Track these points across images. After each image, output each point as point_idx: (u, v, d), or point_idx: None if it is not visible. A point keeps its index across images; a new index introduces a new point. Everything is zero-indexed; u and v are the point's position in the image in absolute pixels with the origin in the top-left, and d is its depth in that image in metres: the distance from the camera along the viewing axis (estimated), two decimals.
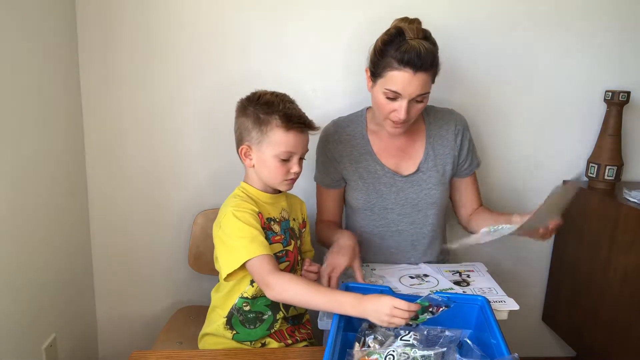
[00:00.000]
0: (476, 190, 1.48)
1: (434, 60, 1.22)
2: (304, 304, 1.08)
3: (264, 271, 1.06)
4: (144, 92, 1.54)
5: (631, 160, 1.71)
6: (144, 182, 1.61)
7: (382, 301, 0.94)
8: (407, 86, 1.20)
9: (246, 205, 1.14)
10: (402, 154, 1.39)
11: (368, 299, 0.96)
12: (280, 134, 1.12)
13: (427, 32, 1.24)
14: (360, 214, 1.41)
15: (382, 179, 1.38)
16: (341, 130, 1.40)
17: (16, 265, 1.24)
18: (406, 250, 1.42)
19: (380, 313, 0.93)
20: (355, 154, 1.39)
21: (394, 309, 0.92)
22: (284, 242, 1.19)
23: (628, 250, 1.42)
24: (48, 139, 1.37)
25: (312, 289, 1.03)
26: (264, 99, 1.14)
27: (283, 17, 1.53)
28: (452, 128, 1.40)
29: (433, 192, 1.38)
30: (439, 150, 1.39)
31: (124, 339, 1.71)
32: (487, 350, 0.94)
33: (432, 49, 1.21)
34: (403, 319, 0.93)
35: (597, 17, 1.61)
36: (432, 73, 1.23)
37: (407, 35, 1.21)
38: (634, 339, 1.40)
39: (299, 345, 1.24)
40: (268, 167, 1.15)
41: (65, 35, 1.45)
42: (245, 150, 1.17)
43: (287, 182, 1.18)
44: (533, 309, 1.84)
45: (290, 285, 1.04)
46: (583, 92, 1.66)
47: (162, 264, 1.68)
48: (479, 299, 1.06)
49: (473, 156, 1.45)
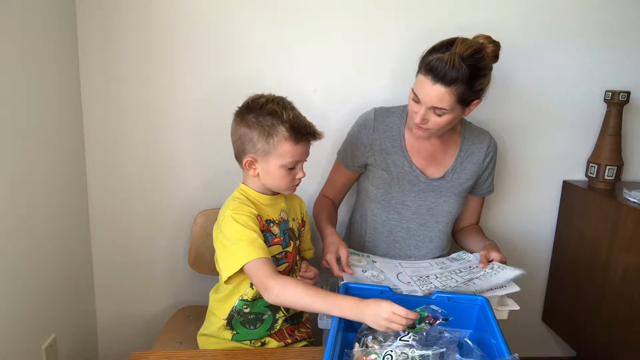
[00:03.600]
0: (479, 211, 1.56)
1: (458, 79, 1.17)
2: (302, 307, 1.08)
3: (262, 274, 1.05)
4: (144, 91, 1.54)
5: (631, 160, 1.71)
6: (144, 182, 1.61)
7: (381, 306, 0.94)
8: (424, 94, 1.22)
9: (245, 208, 1.13)
10: (432, 158, 1.41)
11: (367, 303, 0.96)
12: (288, 146, 1.10)
13: (478, 53, 1.19)
14: (377, 203, 1.43)
15: (408, 176, 1.40)
16: (380, 119, 1.41)
17: (16, 265, 1.24)
18: (409, 248, 1.44)
19: (378, 317, 0.93)
20: (387, 145, 1.40)
21: (392, 314, 0.92)
22: (283, 243, 1.19)
23: (628, 250, 1.42)
24: (48, 139, 1.37)
25: (311, 292, 1.03)
26: (266, 108, 1.11)
27: (284, 17, 1.53)
28: (485, 148, 1.43)
29: (451, 202, 1.41)
30: (467, 165, 1.42)
31: (124, 339, 1.71)
32: (487, 350, 0.94)
33: (464, 68, 1.16)
34: (401, 325, 0.92)
35: (597, 17, 1.61)
36: (455, 91, 1.19)
37: (454, 47, 1.19)
38: (633, 339, 1.40)
39: (298, 344, 1.24)
40: (274, 176, 1.14)
41: (65, 35, 1.45)
42: (250, 162, 1.15)
43: (293, 187, 1.19)
44: (533, 309, 1.84)
45: (289, 288, 1.04)
46: (583, 92, 1.66)
47: (162, 264, 1.68)
48: (479, 299, 1.06)
49: (492, 181, 1.50)
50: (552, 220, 1.77)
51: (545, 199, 1.74)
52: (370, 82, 1.59)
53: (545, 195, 1.74)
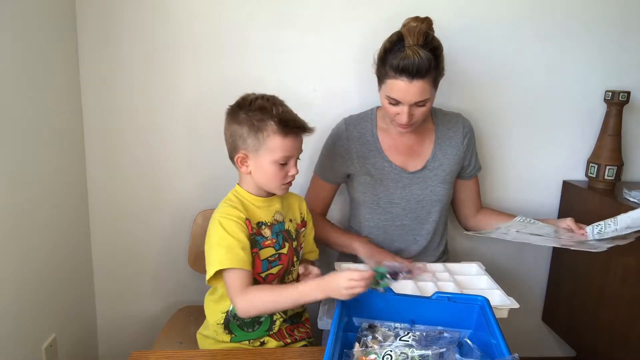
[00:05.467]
0: (478, 193, 1.57)
1: (430, 67, 1.22)
2: (273, 309, 1.11)
3: (232, 288, 1.08)
4: (144, 92, 1.54)
5: (631, 160, 1.71)
6: (144, 182, 1.61)
7: (338, 277, 0.99)
8: (405, 94, 1.24)
9: (234, 212, 1.13)
10: (410, 152, 1.43)
11: (327, 280, 1.02)
12: (277, 139, 1.10)
13: (428, 36, 1.24)
14: (366, 207, 1.45)
15: (390, 175, 1.41)
16: (352, 127, 1.43)
17: (16, 265, 1.24)
18: (408, 244, 1.45)
19: (340, 289, 0.98)
20: (364, 151, 1.42)
21: (350, 281, 0.97)
22: (276, 245, 1.18)
23: (628, 251, 1.42)
24: (48, 139, 1.37)
25: (276, 292, 1.07)
26: (255, 104, 1.12)
27: (283, 17, 1.53)
28: (460, 130, 1.45)
29: (438, 190, 1.42)
30: (446, 151, 1.43)
31: (124, 339, 1.71)
32: (487, 350, 0.93)
33: (428, 55, 1.21)
34: (361, 287, 0.97)
35: (597, 16, 1.61)
36: (430, 79, 1.24)
37: (407, 41, 1.22)
38: (633, 339, 1.40)
39: (297, 344, 1.23)
40: (266, 173, 1.14)
41: (65, 35, 1.45)
42: (242, 159, 1.15)
43: (285, 186, 1.17)
44: (533, 309, 1.84)
45: (256, 299, 1.07)
46: (583, 92, 1.66)
47: (162, 264, 1.68)
48: (479, 299, 1.05)
49: (476, 160, 1.51)
50: None
51: (545, 199, 1.74)
52: (371, 82, 1.58)
53: (545, 195, 1.74)
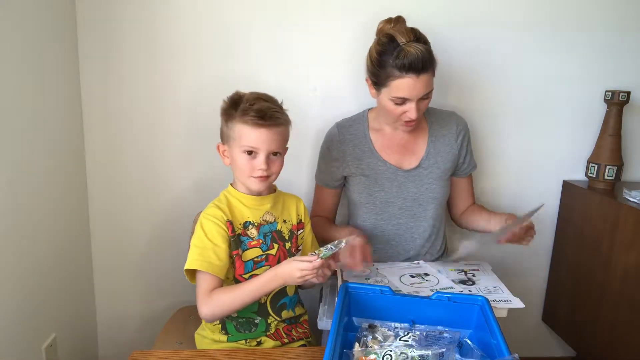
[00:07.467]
0: (471, 190, 1.55)
1: (431, 59, 1.26)
2: (237, 307, 1.12)
3: (199, 292, 1.11)
4: (145, 91, 1.54)
5: (631, 160, 1.71)
6: (144, 182, 1.61)
7: (290, 266, 1.04)
8: (413, 90, 1.25)
9: (217, 213, 1.14)
10: (404, 151, 1.43)
11: (279, 269, 1.06)
12: (239, 127, 1.11)
13: (416, 32, 1.27)
14: (363, 207, 1.45)
15: (385, 174, 1.41)
16: (344, 130, 1.44)
17: (16, 265, 1.24)
18: (406, 242, 1.45)
19: (293, 277, 1.04)
20: (357, 152, 1.42)
21: (301, 271, 1.03)
22: (263, 246, 1.18)
23: (628, 250, 1.42)
24: (48, 139, 1.37)
25: (235, 291, 1.09)
26: (234, 98, 1.15)
27: (284, 17, 1.53)
28: (454, 128, 1.45)
29: (434, 187, 1.42)
30: (441, 148, 1.43)
31: (124, 339, 1.71)
32: (487, 350, 0.93)
33: (426, 48, 1.25)
34: (312, 274, 1.03)
35: (597, 16, 1.61)
36: (432, 69, 1.27)
37: (400, 40, 1.24)
38: (634, 339, 1.40)
39: (295, 344, 1.23)
40: (235, 162, 1.15)
41: (65, 36, 1.45)
42: (223, 149, 1.18)
43: (256, 180, 1.14)
44: (533, 309, 1.84)
45: (216, 301, 1.09)
46: (583, 92, 1.66)
47: (162, 263, 1.68)
48: (479, 299, 1.05)
49: (471, 158, 1.50)
50: (552, 220, 1.77)
51: (545, 199, 1.74)
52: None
53: (545, 195, 1.74)
